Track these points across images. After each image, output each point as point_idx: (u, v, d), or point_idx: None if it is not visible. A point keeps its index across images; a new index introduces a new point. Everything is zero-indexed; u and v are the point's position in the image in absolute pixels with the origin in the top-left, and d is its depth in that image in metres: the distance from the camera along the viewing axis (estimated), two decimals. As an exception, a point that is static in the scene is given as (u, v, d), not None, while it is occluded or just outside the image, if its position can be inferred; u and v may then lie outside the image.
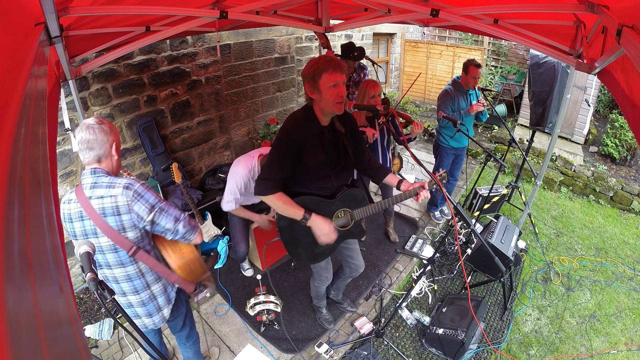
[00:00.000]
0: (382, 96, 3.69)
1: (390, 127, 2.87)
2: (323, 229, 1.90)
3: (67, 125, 2.31)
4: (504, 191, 4.09)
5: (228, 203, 2.70)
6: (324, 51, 3.36)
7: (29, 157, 0.46)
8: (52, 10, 1.18)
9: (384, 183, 2.11)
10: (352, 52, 3.82)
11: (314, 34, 5.15)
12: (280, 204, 1.87)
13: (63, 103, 2.37)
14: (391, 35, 7.51)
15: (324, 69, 1.66)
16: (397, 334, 2.81)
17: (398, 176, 2.09)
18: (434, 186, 1.93)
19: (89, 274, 1.22)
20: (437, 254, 3.32)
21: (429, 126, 3.13)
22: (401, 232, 3.95)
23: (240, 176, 2.62)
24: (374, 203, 2.02)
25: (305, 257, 2.17)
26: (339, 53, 4.00)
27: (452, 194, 4.41)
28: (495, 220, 3.27)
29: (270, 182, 1.83)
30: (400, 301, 2.81)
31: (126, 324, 2.20)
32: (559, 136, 5.83)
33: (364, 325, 2.83)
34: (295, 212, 1.87)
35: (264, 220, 2.91)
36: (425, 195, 1.91)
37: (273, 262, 3.49)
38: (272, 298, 2.67)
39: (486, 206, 4.01)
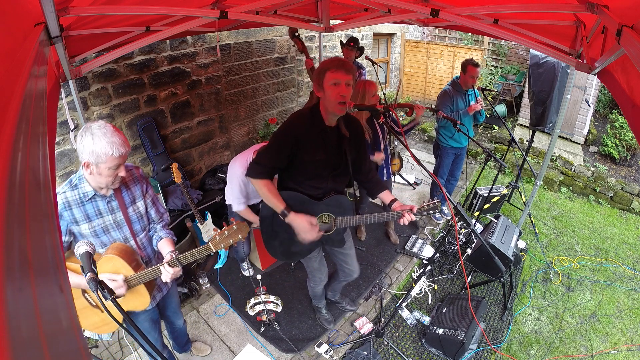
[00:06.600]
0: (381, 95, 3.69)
1: (391, 125, 2.87)
2: (302, 227, 1.88)
3: (71, 124, 2.32)
4: (504, 191, 4.09)
5: (239, 205, 2.75)
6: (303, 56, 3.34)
7: (29, 157, 0.46)
8: (52, 10, 1.18)
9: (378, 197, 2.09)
10: (351, 41, 3.83)
11: (314, 33, 5.15)
12: (265, 191, 1.87)
13: (64, 102, 2.38)
14: (391, 35, 7.51)
15: (328, 68, 1.69)
16: (397, 334, 2.81)
17: (392, 195, 2.05)
18: (425, 213, 1.89)
19: (89, 274, 1.22)
20: (437, 254, 3.32)
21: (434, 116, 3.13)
22: (401, 232, 3.95)
23: (237, 176, 2.67)
24: (359, 215, 1.99)
25: (279, 252, 2.16)
26: (334, 56, 4.01)
27: (452, 194, 4.41)
28: (495, 220, 3.27)
29: (261, 167, 1.84)
30: (400, 301, 2.81)
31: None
32: (559, 136, 5.83)
33: (364, 325, 2.83)
34: (276, 204, 1.87)
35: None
36: (409, 219, 1.86)
37: (273, 261, 3.49)
38: (272, 298, 2.67)
39: (486, 206, 4.01)
